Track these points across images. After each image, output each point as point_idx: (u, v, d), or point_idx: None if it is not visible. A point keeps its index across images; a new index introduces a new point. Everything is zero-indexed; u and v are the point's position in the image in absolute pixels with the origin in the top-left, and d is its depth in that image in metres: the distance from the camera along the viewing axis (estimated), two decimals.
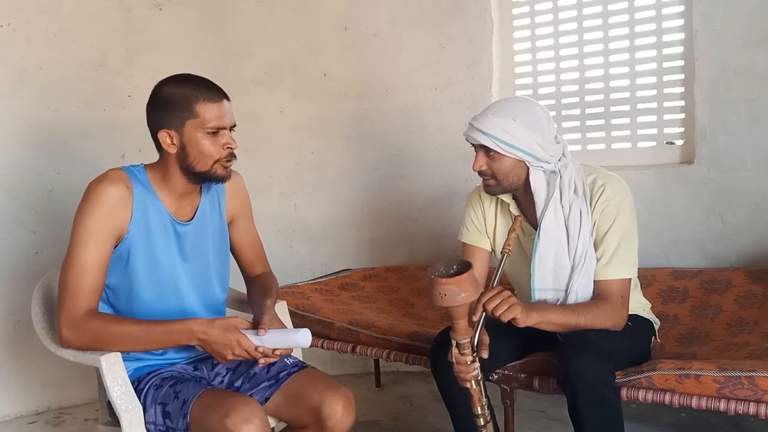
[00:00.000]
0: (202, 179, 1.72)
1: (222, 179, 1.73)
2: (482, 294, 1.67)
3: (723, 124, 2.57)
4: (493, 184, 1.91)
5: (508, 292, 1.71)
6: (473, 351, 1.66)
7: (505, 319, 1.69)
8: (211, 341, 1.60)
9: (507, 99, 1.97)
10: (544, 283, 1.90)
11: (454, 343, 1.65)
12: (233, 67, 3.25)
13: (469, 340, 1.65)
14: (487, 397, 1.73)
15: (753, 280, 2.33)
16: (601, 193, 1.86)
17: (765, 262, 2.49)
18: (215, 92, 1.67)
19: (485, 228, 2.06)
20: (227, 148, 1.69)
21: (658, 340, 2.10)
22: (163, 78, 1.72)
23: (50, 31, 2.96)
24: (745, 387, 1.66)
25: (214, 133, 1.67)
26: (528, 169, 1.88)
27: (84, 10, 3.02)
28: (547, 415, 2.70)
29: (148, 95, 1.71)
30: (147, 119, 1.72)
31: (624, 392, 1.80)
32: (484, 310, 1.68)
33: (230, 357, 1.61)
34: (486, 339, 1.71)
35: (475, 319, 1.68)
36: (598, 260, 1.86)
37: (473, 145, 1.90)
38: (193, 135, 1.66)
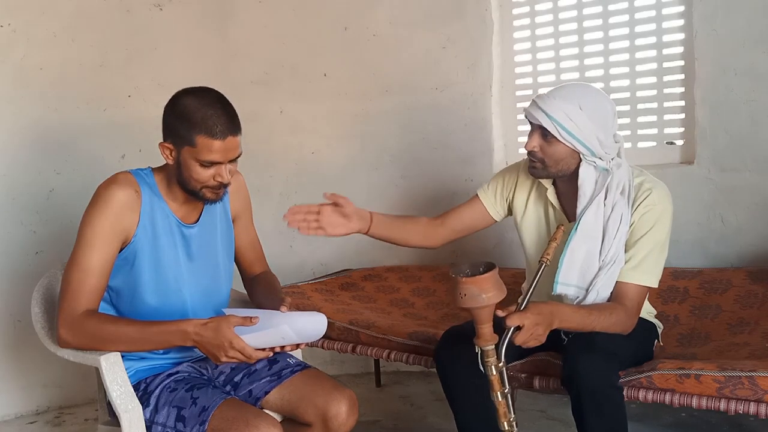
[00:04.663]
0: (193, 196, 1.72)
1: (211, 202, 1.73)
2: (509, 317, 1.61)
3: (723, 124, 2.57)
4: (539, 167, 1.87)
5: (540, 327, 1.64)
6: (498, 359, 1.60)
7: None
8: (205, 342, 1.59)
9: (578, 85, 1.90)
10: (569, 278, 1.85)
11: (478, 350, 1.60)
12: (233, 67, 3.25)
13: (493, 347, 1.58)
14: (514, 412, 1.66)
15: (753, 280, 2.32)
16: (646, 197, 1.83)
17: (765, 262, 2.49)
18: (223, 128, 1.61)
19: (509, 201, 2.05)
20: (217, 180, 1.67)
21: (661, 344, 2.09)
22: (189, 88, 1.68)
23: (50, 31, 2.96)
24: (746, 387, 1.66)
25: (207, 165, 1.65)
26: (579, 161, 1.84)
27: (84, 10, 3.02)
28: (548, 415, 2.70)
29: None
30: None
31: (624, 392, 1.79)
32: (511, 340, 1.63)
33: (224, 359, 1.58)
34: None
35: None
36: (626, 262, 1.83)
37: (531, 123, 1.86)
38: (186, 159, 1.65)
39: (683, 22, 2.69)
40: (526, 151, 1.89)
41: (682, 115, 2.73)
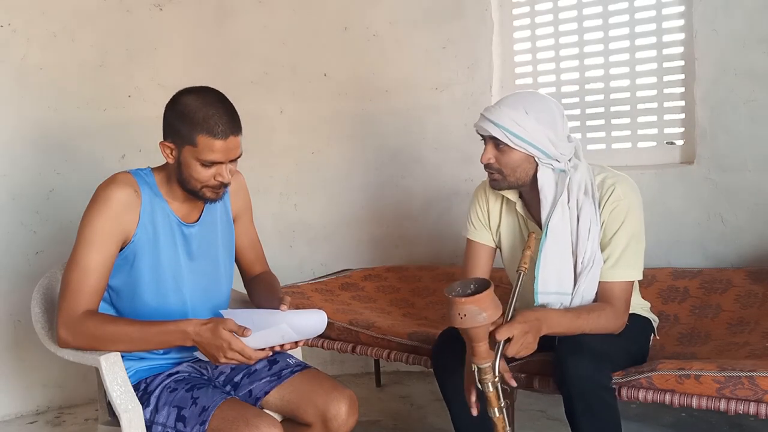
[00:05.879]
0: (193, 195, 1.72)
1: (211, 201, 1.73)
2: (497, 330, 1.60)
3: (723, 124, 2.57)
4: (499, 178, 1.87)
5: (529, 335, 1.64)
6: (494, 375, 1.59)
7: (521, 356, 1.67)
8: (204, 343, 1.59)
9: (521, 92, 1.92)
10: (548, 286, 1.85)
11: (474, 368, 1.58)
12: (233, 67, 3.25)
13: (490, 364, 1.57)
14: (511, 425, 1.65)
15: (753, 280, 2.33)
16: (611, 193, 1.83)
17: (765, 262, 2.49)
18: (224, 128, 1.61)
19: (489, 224, 2.04)
20: (218, 179, 1.67)
21: (658, 338, 2.09)
22: (190, 87, 1.68)
23: (50, 31, 2.97)
24: (746, 387, 1.66)
25: (208, 164, 1.65)
26: (536, 165, 1.84)
27: (84, 10, 3.02)
28: (547, 415, 2.70)
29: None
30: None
31: (624, 392, 1.80)
32: (504, 354, 1.63)
33: (222, 360, 1.58)
34: (504, 365, 1.66)
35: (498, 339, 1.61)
36: (604, 261, 1.83)
37: (483, 137, 1.87)
38: (187, 158, 1.65)
39: (683, 22, 2.69)
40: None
41: (682, 115, 2.73)
